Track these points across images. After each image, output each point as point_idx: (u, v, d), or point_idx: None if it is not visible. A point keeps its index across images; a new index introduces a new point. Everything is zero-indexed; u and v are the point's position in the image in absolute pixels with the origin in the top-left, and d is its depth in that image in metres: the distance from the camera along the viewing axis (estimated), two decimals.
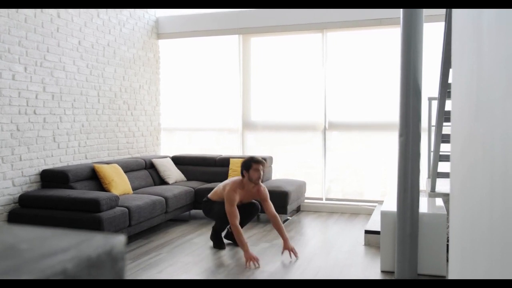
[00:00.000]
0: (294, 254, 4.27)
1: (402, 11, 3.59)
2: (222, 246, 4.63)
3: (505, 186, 0.94)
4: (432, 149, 5.12)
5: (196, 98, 7.15)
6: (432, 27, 5.43)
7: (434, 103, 5.10)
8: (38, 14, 4.95)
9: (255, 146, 6.89)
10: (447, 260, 3.68)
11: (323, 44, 6.47)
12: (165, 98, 7.26)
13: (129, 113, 6.47)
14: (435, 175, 4.73)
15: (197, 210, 6.12)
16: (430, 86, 5.07)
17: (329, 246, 4.73)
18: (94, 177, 5.21)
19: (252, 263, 4.05)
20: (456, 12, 1.59)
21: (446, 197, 4.59)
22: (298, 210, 6.46)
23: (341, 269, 3.99)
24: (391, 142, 6.08)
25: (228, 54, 6.95)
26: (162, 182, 6.23)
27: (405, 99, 3.56)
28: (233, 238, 4.72)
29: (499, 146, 1.00)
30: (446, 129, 4.25)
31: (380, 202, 5.98)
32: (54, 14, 5.16)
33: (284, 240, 4.34)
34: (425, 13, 3.74)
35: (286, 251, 4.31)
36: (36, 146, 4.92)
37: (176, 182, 6.24)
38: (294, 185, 5.99)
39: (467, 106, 1.37)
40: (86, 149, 5.65)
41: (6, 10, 4.56)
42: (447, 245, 3.72)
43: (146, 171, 6.13)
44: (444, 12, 3.97)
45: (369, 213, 6.08)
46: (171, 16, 7.06)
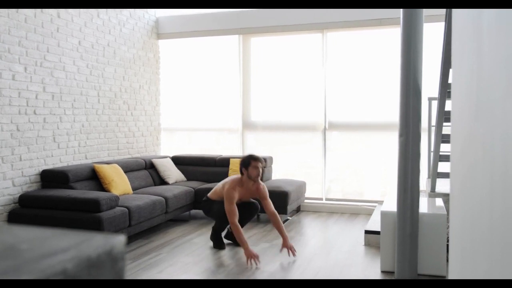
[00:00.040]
0: (293, 253, 4.28)
1: (402, 11, 3.59)
2: (222, 246, 4.63)
3: (505, 186, 0.94)
4: (432, 149, 5.12)
5: (196, 98, 7.15)
6: (432, 27, 5.43)
7: (434, 103, 5.10)
8: (38, 14, 4.95)
9: (255, 146, 6.88)
10: (447, 260, 3.68)
11: (323, 44, 6.47)
12: (165, 98, 7.26)
13: (129, 113, 6.47)
14: (435, 175, 4.73)
15: (197, 210, 6.12)
16: (430, 86, 5.06)
17: (329, 246, 4.73)
18: (94, 177, 5.21)
19: (253, 261, 4.06)
20: (456, 12, 1.59)
21: (446, 197, 4.58)
22: (298, 210, 6.46)
23: (341, 269, 3.99)
24: (391, 142, 6.08)
25: (228, 54, 6.95)
26: (162, 182, 6.23)
27: (405, 99, 3.57)
28: (233, 238, 4.72)
29: (499, 146, 1.00)
30: (446, 129, 4.25)
31: (380, 202, 5.98)
32: (54, 14, 5.16)
33: (283, 238, 4.34)
34: (425, 13, 3.74)
35: (285, 249, 4.32)
36: (36, 146, 4.92)
37: (176, 182, 6.25)
38: (294, 185, 5.99)
39: (467, 106, 1.37)
40: (86, 149, 5.65)
41: (6, 10, 4.56)
42: (447, 245, 3.72)
43: (146, 171, 6.13)
44: (444, 12, 3.97)
45: (369, 213, 6.08)
46: (171, 16, 7.06)
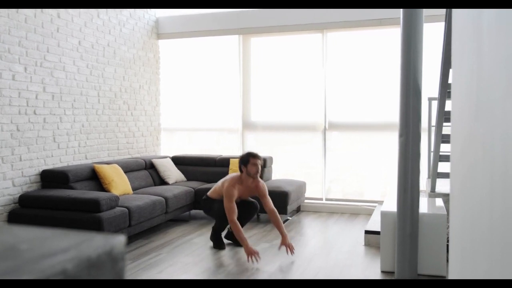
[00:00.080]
0: (291, 251, 4.28)
1: (402, 11, 3.59)
2: (222, 246, 4.63)
3: (505, 186, 0.94)
4: (432, 149, 5.12)
5: (196, 98, 7.15)
6: (432, 27, 5.43)
7: (434, 103, 5.10)
8: (38, 14, 4.95)
9: (255, 146, 6.88)
10: (447, 260, 3.68)
11: (323, 44, 6.47)
12: (165, 98, 7.26)
13: (129, 113, 6.47)
14: (435, 175, 4.73)
15: (197, 210, 6.13)
16: (430, 86, 5.06)
17: (329, 247, 4.73)
18: (94, 177, 5.21)
19: (253, 258, 4.06)
20: (456, 12, 1.59)
21: (446, 197, 4.59)
22: (298, 210, 6.46)
23: (341, 269, 3.99)
24: (391, 142, 6.08)
25: (228, 54, 6.95)
26: (162, 182, 6.23)
27: (405, 99, 3.56)
28: (233, 238, 4.72)
29: (499, 146, 1.00)
30: (446, 129, 4.25)
31: (380, 202, 5.98)
32: (54, 14, 5.16)
33: (282, 235, 4.35)
34: (425, 13, 3.74)
35: (283, 247, 4.32)
36: (36, 146, 4.92)
37: (176, 182, 6.24)
38: (294, 185, 5.99)
39: (467, 106, 1.37)
40: (86, 149, 5.65)
41: (6, 10, 4.56)
42: (447, 245, 3.72)
43: (146, 171, 6.13)
44: (444, 12, 3.97)
45: (369, 213, 6.08)
46: (171, 16, 7.06)
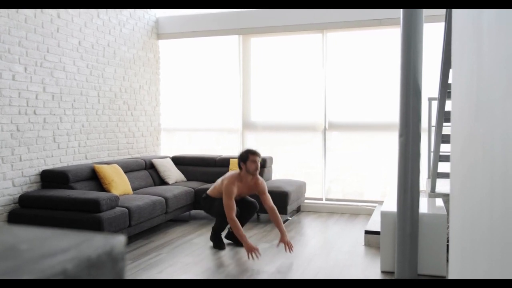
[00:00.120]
0: (290, 248, 4.28)
1: (402, 11, 3.59)
2: (222, 246, 4.63)
3: (505, 186, 0.94)
4: (432, 149, 5.12)
5: (196, 98, 7.15)
6: (432, 27, 5.43)
7: (434, 103, 5.10)
8: (38, 14, 4.95)
9: (255, 146, 6.85)
10: (447, 260, 3.68)
11: (323, 44, 6.47)
12: (165, 98, 7.26)
13: (129, 113, 6.47)
14: (435, 176, 4.73)
15: (197, 211, 6.13)
16: (430, 86, 5.06)
17: (329, 247, 4.73)
18: (94, 177, 5.21)
19: (253, 254, 4.06)
20: (456, 12, 1.59)
21: (446, 197, 4.58)
22: (298, 210, 6.46)
23: (341, 269, 3.99)
24: (391, 143, 6.08)
25: (228, 54, 6.95)
26: (162, 182, 6.23)
27: (405, 99, 3.56)
28: (233, 238, 4.72)
29: (499, 146, 1.00)
30: (446, 129, 4.25)
31: (380, 203, 5.98)
32: (54, 14, 5.16)
33: (281, 232, 4.35)
34: (425, 13, 3.74)
35: (282, 244, 4.33)
36: (36, 146, 4.92)
37: (176, 182, 6.24)
38: (294, 185, 5.99)
39: (467, 106, 1.37)
40: (86, 149, 5.65)
41: (6, 10, 4.56)
42: (447, 245, 3.72)
43: (146, 172, 6.13)
44: (444, 12, 3.97)
45: (369, 213, 6.08)
46: (171, 16, 7.06)
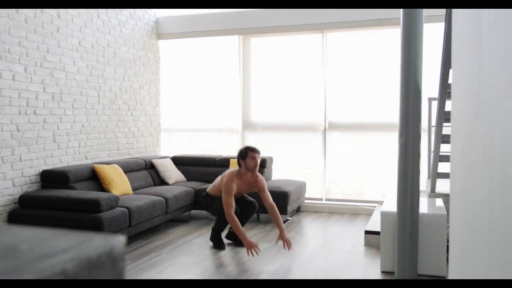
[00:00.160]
0: (288, 246, 4.28)
1: (402, 11, 3.59)
2: (222, 246, 4.63)
3: (505, 186, 0.94)
4: (432, 149, 5.12)
5: (196, 98, 7.15)
6: (432, 27, 5.43)
7: (434, 104, 5.10)
8: (38, 14, 4.95)
9: (255, 147, 6.87)
10: (447, 260, 3.68)
11: (323, 44, 6.47)
12: (165, 98, 7.26)
13: (129, 113, 6.47)
14: (435, 176, 4.73)
15: (197, 211, 6.13)
16: (430, 86, 5.06)
17: (329, 247, 4.73)
18: (94, 177, 5.21)
19: (253, 251, 4.07)
20: (456, 12, 1.59)
21: (446, 197, 4.58)
22: (298, 210, 6.46)
23: (341, 269, 3.99)
24: (391, 143, 6.08)
25: (228, 54, 6.95)
26: (162, 182, 6.23)
27: (405, 99, 3.56)
28: (233, 238, 4.72)
29: (499, 146, 1.00)
30: (446, 129, 4.25)
31: (380, 203, 5.98)
32: (54, 14, 5.16)
33: (280, 230, 4.35)
34: (425, 13, 3.74)
35: (281, 242, 4.33)
36: (36, 146, 4.92)
37: (176, 182, 6.24)
38: (294, 185, 5.99)
39: (467, 106, 1.37)
40: (86, 149, 5.65)
41: (6, 11, 4.56)
42: (447, 245, 3.71)
43: (146, 172, 6.13)
44: (444, 12, 3.97)
45: (369, 213, 6.08)
46: (171, 16, 7.06)
